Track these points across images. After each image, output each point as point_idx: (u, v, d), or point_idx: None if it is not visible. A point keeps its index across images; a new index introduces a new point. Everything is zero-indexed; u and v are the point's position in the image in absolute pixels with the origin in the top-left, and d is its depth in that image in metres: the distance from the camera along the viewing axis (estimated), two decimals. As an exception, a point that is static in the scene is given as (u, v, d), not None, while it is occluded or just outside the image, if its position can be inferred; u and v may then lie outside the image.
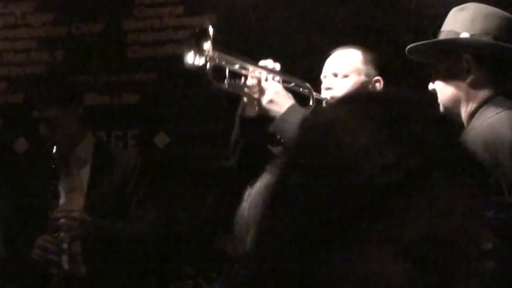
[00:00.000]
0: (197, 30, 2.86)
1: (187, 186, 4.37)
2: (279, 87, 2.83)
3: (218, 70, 2.85)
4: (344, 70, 2.92)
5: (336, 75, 2.94)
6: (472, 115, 2.14)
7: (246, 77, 2.89)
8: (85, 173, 3.34)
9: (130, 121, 4.67)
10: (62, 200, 3.28)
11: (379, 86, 2.95)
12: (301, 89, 2.98)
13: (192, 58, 2.83)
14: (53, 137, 3.26)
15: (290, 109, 2.74)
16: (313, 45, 4.49)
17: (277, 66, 2.93)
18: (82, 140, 3.36)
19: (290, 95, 2.84)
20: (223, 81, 2.85)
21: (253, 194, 1.65)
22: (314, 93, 2.96)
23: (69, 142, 3.32)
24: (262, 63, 2.92)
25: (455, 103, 2.16)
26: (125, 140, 4.59)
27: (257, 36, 4.60)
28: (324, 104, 2.93)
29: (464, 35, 2.13)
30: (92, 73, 4.67)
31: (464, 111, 2.16)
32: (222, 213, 3.94)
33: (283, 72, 2.94)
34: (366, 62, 2.94)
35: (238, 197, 1.71)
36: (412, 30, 4.19)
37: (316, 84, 3.04)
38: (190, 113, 4.52)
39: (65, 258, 3.20)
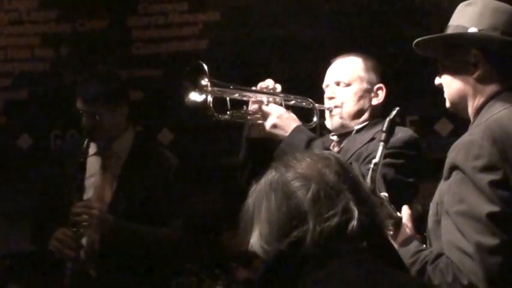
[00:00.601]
0: (188, 69, 2.85)
1: (191, 182, 4.35)
2: (282, 110, 2.82)
3: (219, 99, 2.85)
4: (346, 78, 2.91)
5: (338, 83, 2.93)
6: (478, 110, 2.13)
7: (247, 102, 2.88)
8: (117, 169, 3.28)
9: (135, 118, 4.66)
10: (89, 195, 3.22)
11: (381, 93, 2.94)
12: (303, 104, 2.97)
13: (192, 96, 2.84)
14: (94, 131, 3.20)
15: (294, 132, 2.75)
16: (317, 41, 4.49)
17: (278, 87, 2.91)
18: (120, 136, 3.30)
19: (293, 116, 2.83)
20: (226, 112, 2.84)
21: (258, 190, 1.65)
22: (317, 105, 2.95)
23: (107, 138, 3.27)
24: (261, 84, 2.90)
25: (462, 98, 2.15)
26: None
27: (260, 33, 4.60)
28: (328, 113, 2.92)
29: (472, 29, 2.12)
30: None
31: (471, 106, 2.15)
32: (226, 210, 3.94)
33: (283, 92, 2.92)
34: (367, 69, 2.93)
35: (243, 193, 1.70)
36: (418, 25, 4.18)
37: (319, 81, 3.03)
38: (194, 110, 4.51)
39: (81, 253, 3.18)
